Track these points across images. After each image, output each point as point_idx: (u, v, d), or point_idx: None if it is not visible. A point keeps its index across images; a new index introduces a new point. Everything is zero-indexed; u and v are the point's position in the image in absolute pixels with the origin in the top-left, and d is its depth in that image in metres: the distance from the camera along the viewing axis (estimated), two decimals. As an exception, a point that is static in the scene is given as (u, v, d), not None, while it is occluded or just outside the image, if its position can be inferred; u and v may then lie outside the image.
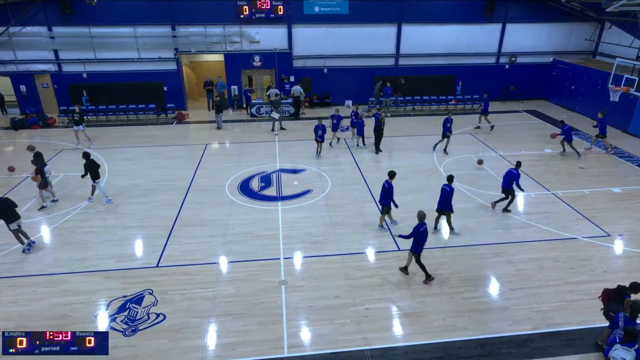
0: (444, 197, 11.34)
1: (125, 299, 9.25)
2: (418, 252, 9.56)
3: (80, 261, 10.58)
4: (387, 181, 11.39)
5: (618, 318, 7.34)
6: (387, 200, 11.46)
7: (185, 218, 12.64)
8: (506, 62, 25.23)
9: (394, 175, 11.50)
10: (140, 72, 22.88)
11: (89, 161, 13.07)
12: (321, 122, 16.94)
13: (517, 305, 9.11)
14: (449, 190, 11.25)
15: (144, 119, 22.72)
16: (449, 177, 11.53)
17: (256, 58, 23.39)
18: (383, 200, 11.54)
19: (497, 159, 16.96)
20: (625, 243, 11.33)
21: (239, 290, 9.56)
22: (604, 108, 18.11)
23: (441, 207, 11.52)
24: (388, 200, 11.46)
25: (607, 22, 23.56)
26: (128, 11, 21.62)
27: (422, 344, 8.14)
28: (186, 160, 17.10)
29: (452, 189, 11.27)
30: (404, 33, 23.75)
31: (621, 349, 6.93)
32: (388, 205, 11.54)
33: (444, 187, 11.39)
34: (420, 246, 9.50)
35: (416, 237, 9.38)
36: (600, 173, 15.47)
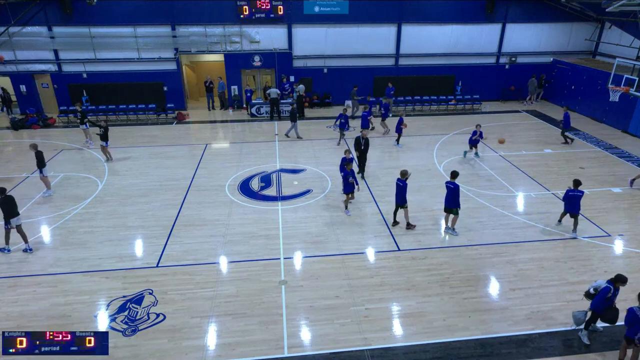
0: (448, 195, 11.39)
1: (126, 299, 9.26)
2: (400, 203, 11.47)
3: (81, 261, 10.59)
4: (399, 179, 11.48)
5: (634, 312, 7.18)
6: (400, 199, 11.58)
7: (186, 218, 12.64)
8: (506, 62, 25.24)
9: (406, 173, 11.57)
10: (141, 72, 22.89)
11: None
12: (345, 111, 17.62)
13: (517, 305, 9.11)
14: (452, 188, 11.26)
15: (144, 119, 22.73)
16: (452, 173, 11.51)
17: (256, 58, 23.40)
18: (398, 197, 11.65)
19: (497, 159, 16.96)
20: (626, 243, 11.33)
21: (239, 290, 9.57)
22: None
23: (447, 205, 11.56)
24: (402, 199, 11.56)
25: (607, 22, 23.56)
26: (128, 11, 21.63)
27: (423, 344, 8.14)
28: (186, 160, 17.11)
29: (456, 186, 11.27)
30: (404, 33, 23.76)
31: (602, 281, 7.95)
32: (404, 203, 11.65)
33: (447, 184, 11.42)
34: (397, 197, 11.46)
35: None
36: (600, 173, 15.47)
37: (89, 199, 13.79)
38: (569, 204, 11.41)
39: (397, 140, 18.56)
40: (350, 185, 12.32)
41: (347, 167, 12.35)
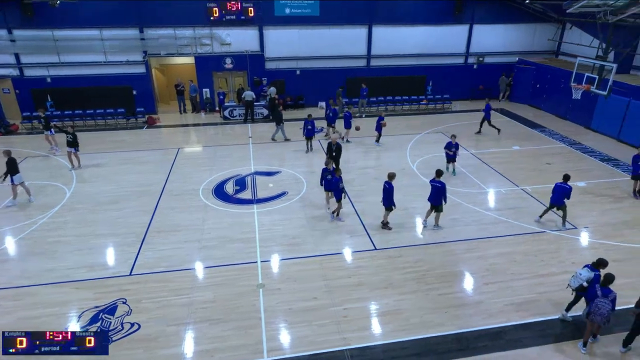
0: (434, 193, 11.59)
1: (98, 310, 8.98)
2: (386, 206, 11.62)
3: (49, 272, 10.20)
4: (387, 182, 11.50)
5: (595, 289, 7.71)
6: (387, 201, 11.60)
7: (159, 224, 12.38)
8: (474, 62, 25.88)
9: (393, 176, 11.59)
10: (108, 76, 22.27)
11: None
12: (310, 117, 17.30)
13: (491, 299, 9.34)
14: (439, 187, 11.47)
15: (113, 123, 22.14)
16: (437, 171, 11.72)
17: (228, 60, 23.17)
18: (385, 201, 11.65)
19: (468, 156, 17.34)
20: (591, 235, 11.80)
21: (216, 295, 9.44)
22: None
23: (433, 202, 11.75)
24: (389, 201, 11.59)
25: (568, 23, 24.53)
26: (93, 13, 21.01)
27: (401, 341, 8.24)
28: (158, 165, 16.76)
29: (442, 184, 11.49)
30: (375, 34, 24.03)
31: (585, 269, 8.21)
32: (390, 206, 11.68)
33: (432, 182, 11.61)
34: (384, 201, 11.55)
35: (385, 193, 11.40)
36: (566, 168, 16.01)
37: (56, 207, 13.31)
38: (556, 195, 11.79)
39: (377, 139, 18.74)
40: (340, 192, 12.05)
41: (337, 174, 12.02)
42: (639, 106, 18.02)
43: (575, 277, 8.29)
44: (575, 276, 8.30)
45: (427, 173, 15.48)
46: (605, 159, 17.11)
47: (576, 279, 8.26)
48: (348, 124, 18.72)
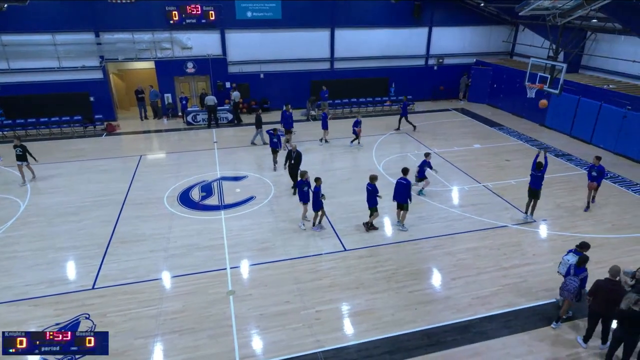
0: (400, 191, 11.79)
1: (59, 327, 8.58)
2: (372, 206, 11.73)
3: (4, 290, 9.66)
4: (369, 184, 11.60)
5: (569, 268, 8.33)
6: (372, 202, 11.72)
7: (123, 234, 11.98)
8: (434, 64, 26.59)
9: (375, 178, 11.69)
10: (63, 82, 21.36)
11: None
12: (276, 131, 16.15)
13: (458, 293, 9.61)
14: (405, 184, 11.68)
15: (70, 131, 21.24)
16: (403, 170, 11.95)
17: (189, 64, 22.74)
18: (369, 202, 11.79)
19: (432, 156, 17.71)
20: (549, 227, 12.36)
21: (186, 304, 9.23)
22: None
23: (399, 201, 11.97)
24: (373, 202, 11.71)
25: (521, 25, 25.65)
26: (45, 17, 20.10)
27: (373, 339, 8.33)
28: (120, 173, 16.22)
29: (408, 182, 11.72)
30: (337, 37, 24.25)
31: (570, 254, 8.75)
32: (374, 206, 11.80)
33: (399, 180, 11.81)
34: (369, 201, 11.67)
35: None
36: (523, 164, 16.71)
37: (9, 221, 12.63)
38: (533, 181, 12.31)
39: (352, 140, 18.85)
40: (319, 202, 11.70)
41: (317, 183, 11.59)
42: (588, 103, 19.06)
43: (563, 264, 8.84)
44: (563, 262, 8.85)
45: (393, 173, 15.77)
46: (560, 154, 17.97)
47: (563, 265, 8.81)
48: (325, 125, 18.90)
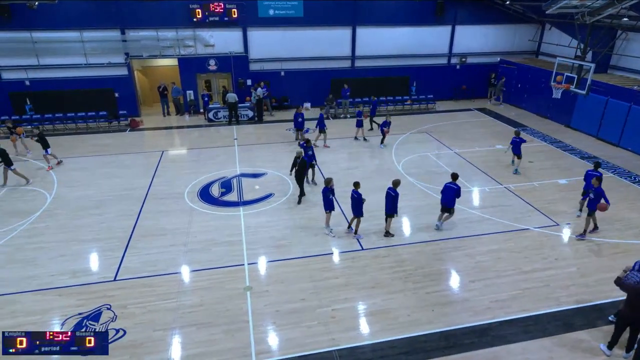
0: (450, 194, 11.62)
1: (82, 317, 8.81)
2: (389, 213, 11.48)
3: (30, 279, 9.97)
4: (391, 188, 11.31)
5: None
6: (390, 208, 11.39)
7: (144, 228, 12.21)
8: (457, 63, 26.19)
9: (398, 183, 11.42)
10: (89, 79, 21.90)
11: None
12: (300, 110, 18.10)
13: (477, 296, 9.45)
14: (455, 188, 11.55)
15: (95, 127, 21.77)
16: (453, 175, 11.87)
17: (211, 62, 23.00)
18: (388, 208, 11.46)
19: (452, 156, 17.53)
20: (573, 231, 12.02)
21: (203, 299, 9.35)
22: None
23: (448, 205, 11.79)
24: (391, 207, 11.36)
25: (547, 24, 25.02)
26: (73, 15, 20.63)
27: (389, 340, 8.27)
28: (142, 168, 16.54)
29: (458, 187, 11.57)
30: (358, 35, 24.13)
31: None
32: (392, 213, 11.47)
33: (448, 185, 11.68)
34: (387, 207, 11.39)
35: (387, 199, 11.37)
36: (547, 166, 16.34)
37: (37, 213, 13.03)
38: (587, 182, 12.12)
39: (381, 141, 18.56)
40: (361, 207, 11.43)
41: (356, 187, 11.40)
42: (617, 105, 18.47)
43: None
44: None
45: (413, 173, 15.65)
46: (585, 156, 17.47)
47: None
48: (322, 125, 18.29)
